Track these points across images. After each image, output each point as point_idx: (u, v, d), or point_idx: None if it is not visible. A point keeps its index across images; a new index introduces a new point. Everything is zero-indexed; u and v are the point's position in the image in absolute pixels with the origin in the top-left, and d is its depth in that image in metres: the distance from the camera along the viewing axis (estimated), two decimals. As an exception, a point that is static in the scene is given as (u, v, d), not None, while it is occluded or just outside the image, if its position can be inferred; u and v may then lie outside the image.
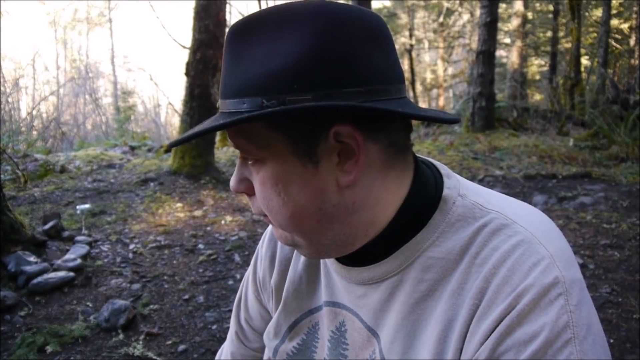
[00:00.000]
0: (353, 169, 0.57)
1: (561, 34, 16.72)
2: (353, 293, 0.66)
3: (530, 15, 17.38)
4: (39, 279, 3.11)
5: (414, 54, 19.76)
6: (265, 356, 0.79)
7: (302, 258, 0.75)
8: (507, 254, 0.55)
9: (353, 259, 0.66)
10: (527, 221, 0.59)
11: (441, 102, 20.72)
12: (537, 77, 20.43)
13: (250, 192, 0.62)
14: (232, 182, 0.63)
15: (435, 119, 0.60)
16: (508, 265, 0.54)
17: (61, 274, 3.22)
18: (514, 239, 0.56)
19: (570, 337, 0.50)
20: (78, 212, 4.66)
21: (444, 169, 0.66)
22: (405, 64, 18.67)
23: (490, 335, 0.52)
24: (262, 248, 0.83)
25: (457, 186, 0.64)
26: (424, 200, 0.62)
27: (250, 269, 0.86)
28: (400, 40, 18.67)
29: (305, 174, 0.57)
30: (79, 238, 3.90)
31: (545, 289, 0.52)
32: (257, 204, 0.62)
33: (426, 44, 21.73)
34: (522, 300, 0.52)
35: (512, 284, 0.53)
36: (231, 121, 0.53)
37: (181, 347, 2.61)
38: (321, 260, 0.73)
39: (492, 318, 0.53)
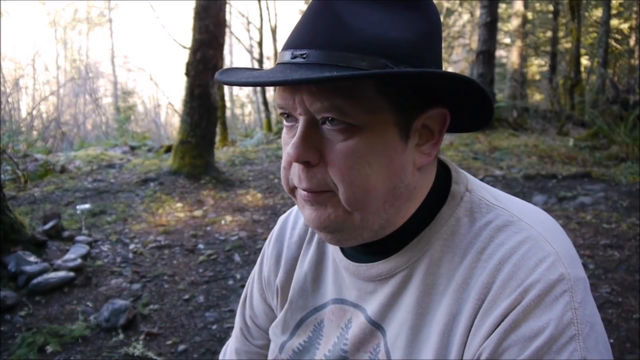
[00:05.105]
0: (431, 152, 0.60)
1: (561, 34, 16.72)
2: (362, 289, 0.67)
3: (530, 15, 17.36)
4: (39, 279, 3.11)
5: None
6: (271, 352, 0.80)
7: (309, 257, 0.75)
8: (513, 249, 0.56)
9: (362, 254, 0.66)
10: (532, 219, 0.60)
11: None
12: (537, 77, 20.42)
13: (316, 162, 0.57)
14: (298, 149, 0.56)
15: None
16: (514, 260, 0.55)
17: (61, 274, 3.22)
18: (520, 236, 0.57)
19: (575, 333, 0.50)
20: (78, 212, 4.66)
21: (451, 164, 0.67)
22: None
23: (496, 329, 0.52)
24: (268, 247, 0.83)
25: (465, 182, 0.64)
26: (438, 196, 0.63)
27: (256, 267, 0.87)
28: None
29: (397, 147, 0.57)
30: (79, 238, 3.90)
31: (550, 285, 0.52)
32: (320, 177, 0.57)
33: (426, 44, 21.69)
34: (528, 295, 0.52)
35: (518, 279, 0.53)
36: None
37: (181, 347, 2.61)
38: (330, 258, 0.73)
39: (497, 312, 0.53)
